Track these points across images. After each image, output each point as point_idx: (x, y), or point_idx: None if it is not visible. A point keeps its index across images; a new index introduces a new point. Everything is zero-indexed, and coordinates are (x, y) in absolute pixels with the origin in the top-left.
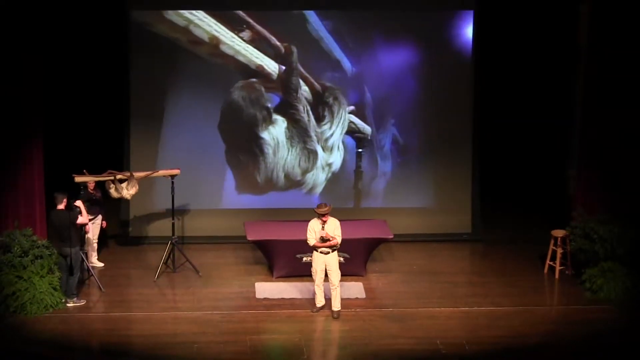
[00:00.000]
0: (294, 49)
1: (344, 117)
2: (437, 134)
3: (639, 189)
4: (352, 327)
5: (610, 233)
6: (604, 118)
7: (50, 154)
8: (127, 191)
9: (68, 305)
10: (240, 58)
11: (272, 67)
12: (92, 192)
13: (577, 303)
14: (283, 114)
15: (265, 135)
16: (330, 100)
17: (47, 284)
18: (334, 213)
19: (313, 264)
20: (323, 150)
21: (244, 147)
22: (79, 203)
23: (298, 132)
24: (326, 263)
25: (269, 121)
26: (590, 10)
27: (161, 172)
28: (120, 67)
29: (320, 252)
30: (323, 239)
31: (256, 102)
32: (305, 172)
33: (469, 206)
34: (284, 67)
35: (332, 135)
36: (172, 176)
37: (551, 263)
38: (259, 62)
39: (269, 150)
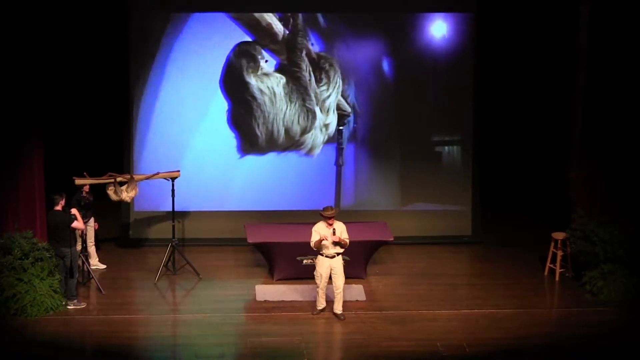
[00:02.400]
0: (300, 14)
1: (339, 83)
2: (437, 135)
3: (639, 190)
4: (352, 329)
5: (611, 235)
6: (604, 119)
7: (50, 156)
8: (127, 194)
9: (68, 307)
10: (255, 14)
11: (279, 27)
12: (85, 195)
13: (578, 305)
14: (284, 72)
15: (258, 83)
16: (327, 66)
17: (48, 286)
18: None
19: (317, 268)
20: (321, 111)
21: (243, 100)
22: (74, 211)
23: (297, 89)
24: (332, 266)
25: (264, 72)
26: (590, 11)
27: (162, 175)
28: (121, 68)
29: (326, 256)
30: (335, 243)
31: (252, 57)
32: (304, 131)
33: (469, 208)
34: (287, 31)
35: (329, 97)
36: (173, 178)
37: (551, 265)
38: (269, 19)
39: (264, 99)
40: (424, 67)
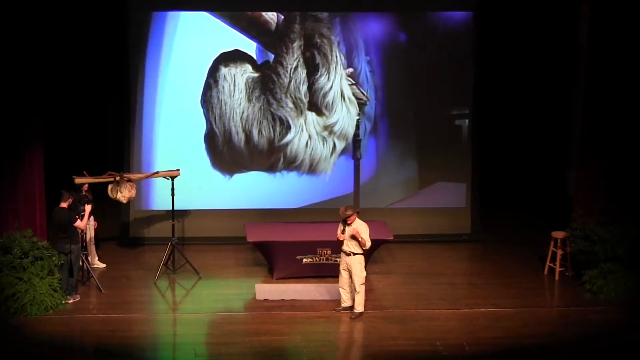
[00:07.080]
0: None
1: (339, 62)
2: (437, 133)
3: (639, 189)
4: (352, 328)
5: (610, 234)
6: (604, 118)
7: (50, 155)
8: (121, 194)
9: (69, 302)
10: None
11: (270, 14)
12: (85, 194)
13: (578, 304)
14: (259, 67)
15: (224, 69)
16: (325, 43)
17: (47, 285)
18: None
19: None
20: (318, 112)
21: (211, 87)
22: (88, 208)
23: (262, 88)
24: (347, 264)
25: (233, 59)
26: (590, 10)
27: (161, 174)
28: (121, 67)
29: (343, 253)
30: (351, 240)
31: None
32: (271, 145)
33: (468, 207)
34: (282, 16)
35: (331, 88)
36: (173, 177)
37: (551, 264)
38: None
39: (224, 85)
40: (423, 64)
